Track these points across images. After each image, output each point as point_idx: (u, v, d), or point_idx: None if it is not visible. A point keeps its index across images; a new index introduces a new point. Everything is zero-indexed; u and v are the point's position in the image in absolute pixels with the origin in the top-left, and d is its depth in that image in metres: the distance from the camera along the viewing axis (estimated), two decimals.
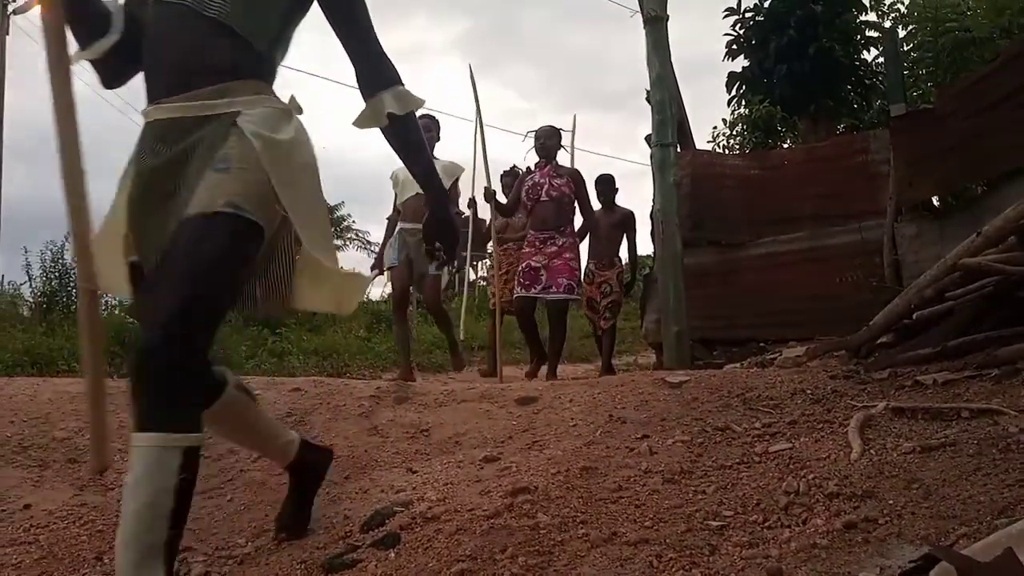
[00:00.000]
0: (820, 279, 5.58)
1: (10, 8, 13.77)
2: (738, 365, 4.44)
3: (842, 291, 5.32)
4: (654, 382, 3.13)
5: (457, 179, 5.06)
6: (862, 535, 1.51)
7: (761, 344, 5.39)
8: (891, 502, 1.64)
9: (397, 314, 5.19)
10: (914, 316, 3.22)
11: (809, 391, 2.75)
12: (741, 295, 5.97)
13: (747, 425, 2.43)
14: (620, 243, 5.99)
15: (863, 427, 2.20)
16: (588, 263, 5.83)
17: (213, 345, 1.50)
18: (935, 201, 5.73)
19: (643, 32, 5.47)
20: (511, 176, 6.36)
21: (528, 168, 5.49)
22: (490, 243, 6.31)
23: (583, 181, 5.31)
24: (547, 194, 5.11)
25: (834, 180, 5.96)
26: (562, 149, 5.46)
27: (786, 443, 2.21)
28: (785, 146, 9.93)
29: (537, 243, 5.13)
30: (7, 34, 13.67)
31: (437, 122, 5.05)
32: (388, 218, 5.32)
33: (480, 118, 5.62)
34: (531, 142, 5.26)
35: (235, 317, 10.71)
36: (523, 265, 5.13)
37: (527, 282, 5.06)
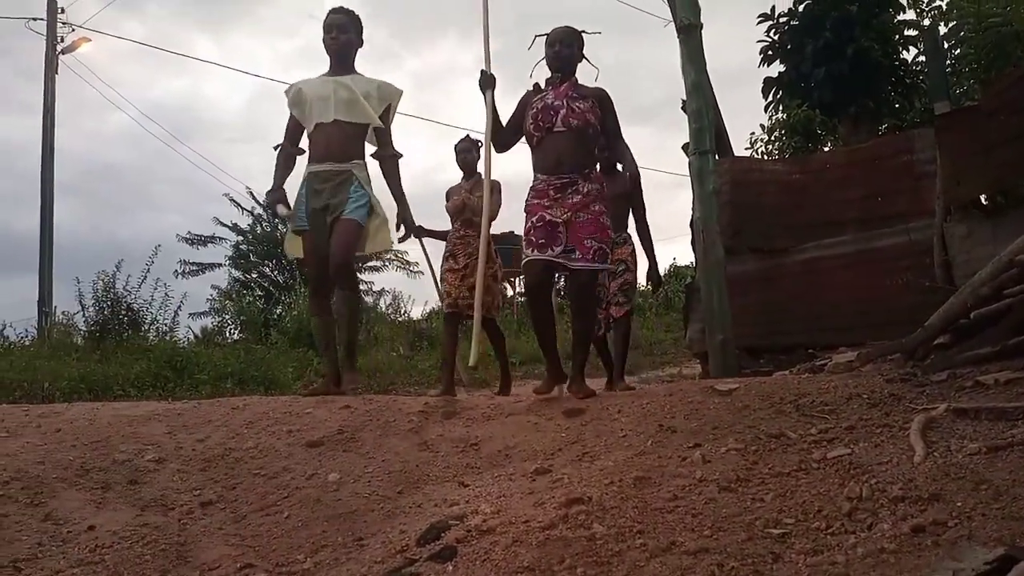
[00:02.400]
0: (868, 282, 5.47)
1: (59, 48, 14.31)
2: (788, 372, 4.36)
3: (891, 294, 5.21)
4: (703, 390, 3.09)
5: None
6: (931, 538, 1.47)
7: (810, 351, 5.29)
8: (960, 504, 1.59)
9: (314, 301, 4.17)
10: (971, 315, 3.13)
11: (865, 395, 2.69)
12: (787, 301, 5.88)
13: (802, 431, 2.39)
14: (627, 216, 4.92)
15: (925, 430, 2.14)
16: None
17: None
18: (984, 199, 5.58)
19: (676, 41, 5.46)
20: (467, 144, 5.09)
21: (536, 85, 3.82)
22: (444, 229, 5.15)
23: (612, 105, 3.75)
24: (564, 122, 3.60)
25: (878, 182, 5.86)
26: (583, 61, 3.85)
27: (845, 448, 2.16)
28: (826, 149, 9.79)
29: (552, 191, 3.59)
30: (56, 73, 14.21)
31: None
32: (278, 148, 4.14)
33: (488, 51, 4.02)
34: (540, 50, 3.81)
35: (281, 341, 10.89)
36: (534, 218, 3.61)
37: (542, 240, 3.55)
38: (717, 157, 5.74)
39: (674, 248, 61.17)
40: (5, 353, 8.52)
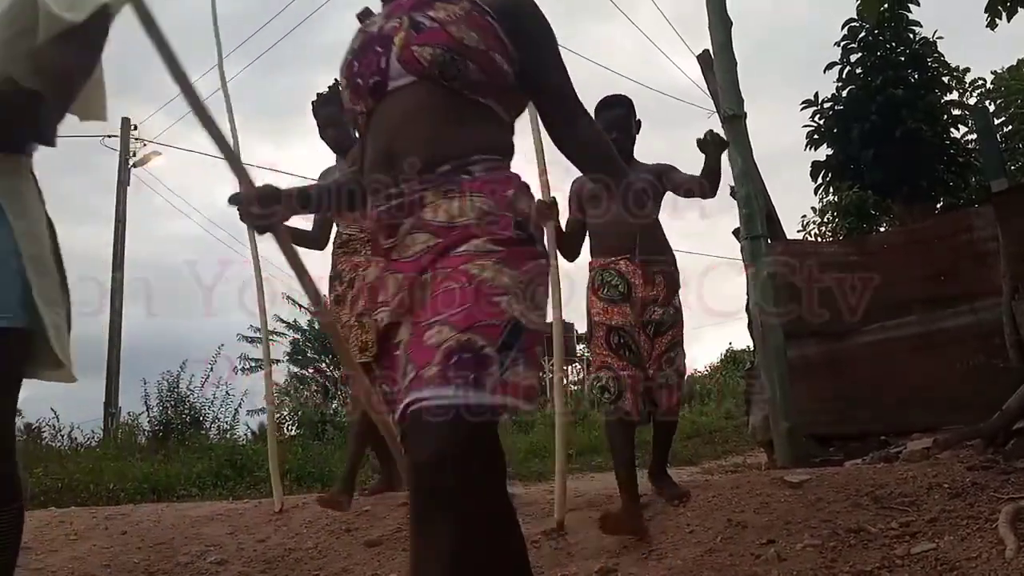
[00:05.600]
0: (936, 365, 5.27)
1: (131, 162, 15.23)
2: (860, 461, 4.18)
3: (961, 376, 5.01)
4: (772, 482, 2.98)
5: None
6: None
7: (882, 437, 5.08)
8: None
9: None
10: None
11: (946, 485, 2.56)
12: (852, 386, 5.69)
13: (882, 525, 2.27)
14: (660, 229, 3.28)
15: (1014, 521, 2.02)
16: (601, 266, 3.16)
17: None
18: None
19: (719, 131, 5.54)
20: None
21: (365, 9, 1.68)
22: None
23: (542, 26, 1.53)
24: (404, 61, 1.43)
25: (939, 261, 5.72)
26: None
27: (929, 543, 2.05)
28: (881, 230, 9.67)
29: (381, 230, 1.48)
30: (128, 185, 15.07)
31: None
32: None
33: None
34: None
35: (337, 437, 10.92)
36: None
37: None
38: (769, 241, 5.71)
39: (729, 332, 60.20)
40: (73, 455, 8.73)
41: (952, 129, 10.74)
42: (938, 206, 10.30)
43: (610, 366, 3.03)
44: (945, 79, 10.79)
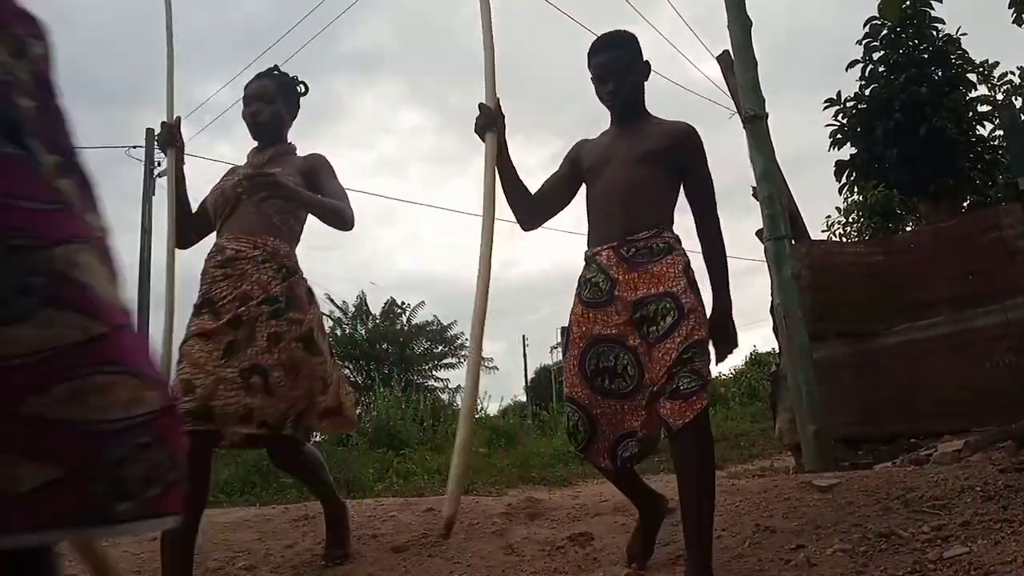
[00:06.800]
0: (966, 365, 5.18)
1: (156, 172, 15.45)
2: (889, 464, 4.13)
3: (991, 376, 4.93)
4: (800, 486, 2.95)
5: None
6: None
7: (912, 440, 5.00)
8: None
9: None
10: None
11: (979, 488, 2.52)
12: (880, 388, 5.61)
13: (914, 529, 2.24)
14: (667, 197, 2.43)
15: None
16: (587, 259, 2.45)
17: None
18: None
19: (741, 131, 5.50)
20: (260, 86, 2.83)
21: None
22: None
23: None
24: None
25: (967, 260, 5.64)
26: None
27: (962, 547, 2.01)
28: (907, 229, 9.56)
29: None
30: (153, 195, 15.28)
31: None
32: None
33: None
34: None
35: (361, 442, 10.97)
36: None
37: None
38: (793, 242, 5.66)
39: (753, 335, 59.74)
40: None
41: (978, 126, 10.60)
42: (965, 204, 10.17)
43: (580, 401, 2.29)
44: (970, 76, 10.65)
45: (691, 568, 2.06)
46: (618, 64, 2.44)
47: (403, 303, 21.99)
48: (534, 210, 2.60)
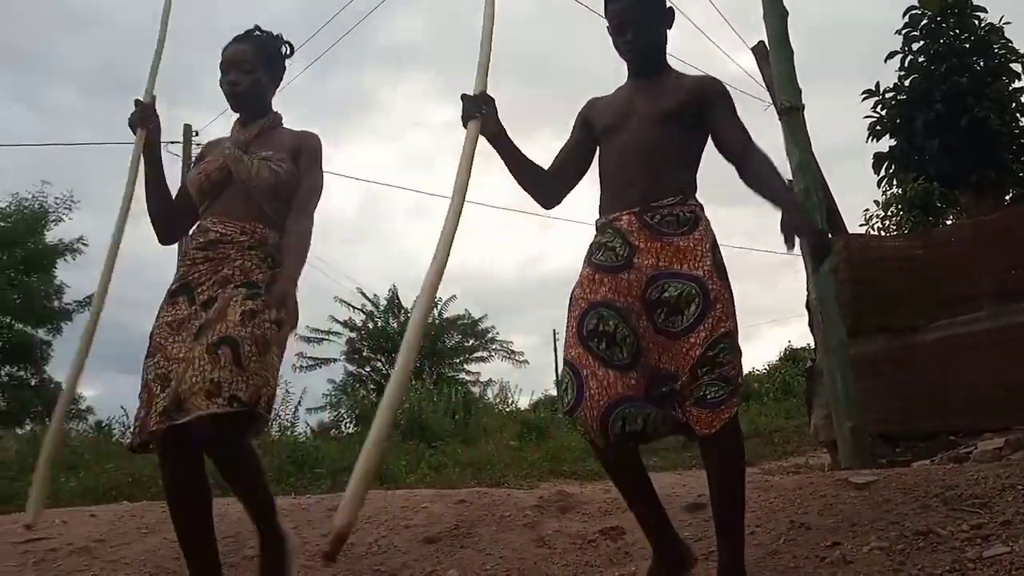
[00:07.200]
0: (1007, 361, 5.06)
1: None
2: (928, 461, 4.06)
3: None
4: (836, 483, 2.91)
5: None
6: None
7: (951, 437, 4.91)
8: None
9: None
10: None
11: (1020, 486, 2.47)
12: (920, 384, 5.51)
13: (953, 528, 2.20)
14: (694, 163, 2.27)
15: None
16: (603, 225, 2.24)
17: None
18: None
19: (776, 123, 5.43)
20: (238, 51, 2.58)
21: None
22: None
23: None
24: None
25: (1010, 253, 5.50)
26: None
27: (1003, 547, 1.98)
28: (948, 222, 9.36)
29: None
30: None
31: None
32: None
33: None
34: None
35: (393, 434, 11.07)
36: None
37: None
38: (831, 236, 5.58)
39: (788, 330, 59.03)
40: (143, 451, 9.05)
41: (1021, 117, 10.34)
42: (1008, 197, 9.94)
43: (572, 361, 2.05)
44: (1013, 65, 10.39)
45: (723, 572, 2.02)
46: (637, 11, 2.22)
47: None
48: (551, 186, 2.41)
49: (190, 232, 2.49)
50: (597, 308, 2.06)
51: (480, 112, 2.17)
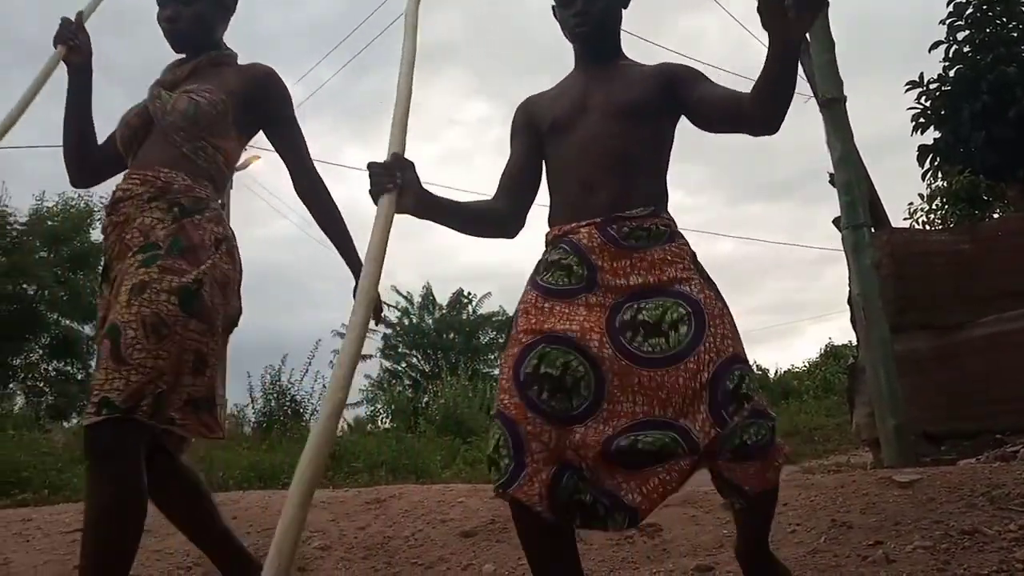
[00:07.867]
0: None
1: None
2: (974, 460, 3.97)
3: None
4: (879, 482, 2.86)
5: None
6: None
7: (997, 436, 4.79)
8: None
9: None
10: None
11: None
12: (966, 382, 5.38)
13: (999, 527, 2.15)
14: (663, 166, 1.89)
15: None
16: (555, 237, 1.84)
17: None
18: None
19: (814, 115, 5.34)
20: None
21: None
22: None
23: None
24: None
25: None
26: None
27: None
28: (994, 216, 9.12)
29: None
30: (231, 188, 15.80)
31: None
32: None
33: None
34: None
35: (429, 429, 11.16)
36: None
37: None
38: (873, 230, 5.48)
39: (828, 327, 58.09)
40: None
41: None
42: None
43: (505, 413, 1.61)
44: None
45: (741, 539, 1.87)
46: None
47: (469, 293, 22.22)
48: (505, 218, 1.94)
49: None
50: (539, 345, 1.64)
51: (394, 183, 1.62)
